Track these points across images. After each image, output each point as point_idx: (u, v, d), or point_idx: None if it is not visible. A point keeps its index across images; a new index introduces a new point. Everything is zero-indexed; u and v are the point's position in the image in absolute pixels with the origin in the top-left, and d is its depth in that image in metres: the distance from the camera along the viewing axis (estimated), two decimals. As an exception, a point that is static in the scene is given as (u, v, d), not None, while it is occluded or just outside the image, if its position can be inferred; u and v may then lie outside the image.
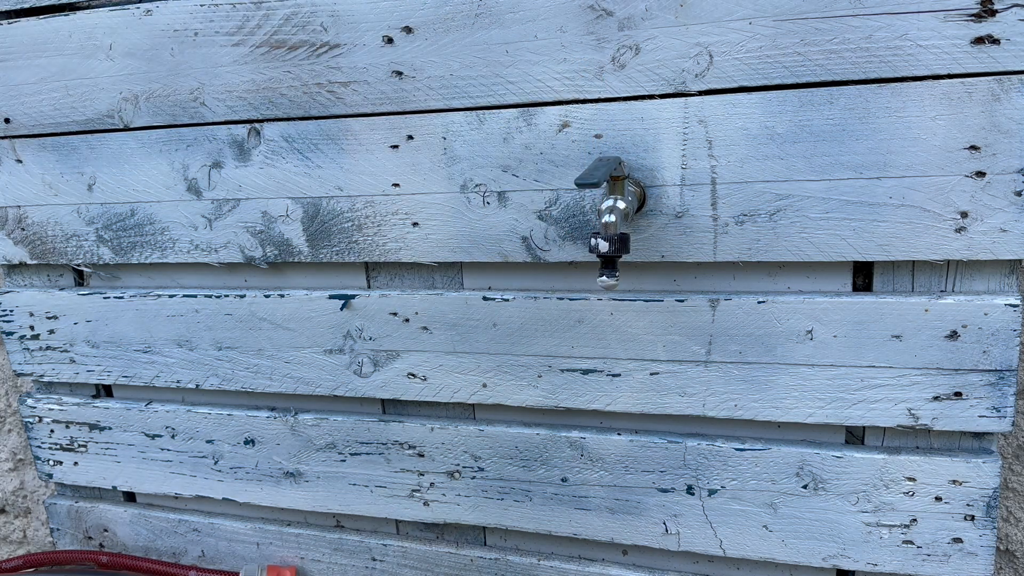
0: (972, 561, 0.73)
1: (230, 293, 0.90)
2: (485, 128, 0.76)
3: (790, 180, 0.69)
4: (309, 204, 0.84)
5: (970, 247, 0.66)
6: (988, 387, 0.69)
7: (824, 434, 0.77)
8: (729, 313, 0.74)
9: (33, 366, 1.01)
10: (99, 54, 0.86)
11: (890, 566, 0.75)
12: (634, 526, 0.82)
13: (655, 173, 0.72)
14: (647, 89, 0.71)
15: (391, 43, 0.76)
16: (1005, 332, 0.68)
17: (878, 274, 0.72)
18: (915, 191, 0.66)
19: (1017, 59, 0.62)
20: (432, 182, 0.79)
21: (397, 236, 0.82)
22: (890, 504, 0.74)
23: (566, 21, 0.71)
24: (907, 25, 0.63)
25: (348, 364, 0.88)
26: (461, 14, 0.73)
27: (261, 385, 0.92)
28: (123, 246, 0.92)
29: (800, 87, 0.67)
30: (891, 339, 0.70)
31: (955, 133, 0.64)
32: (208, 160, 0.86)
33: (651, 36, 0.69)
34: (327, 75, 0.79)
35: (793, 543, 0.78)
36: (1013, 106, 0.63)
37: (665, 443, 0.79)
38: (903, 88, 0.64)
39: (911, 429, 0.73)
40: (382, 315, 0.85)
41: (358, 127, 0.80)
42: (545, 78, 0.73)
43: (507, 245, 0.78)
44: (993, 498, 0.71)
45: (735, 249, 0.72)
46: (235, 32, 0.80)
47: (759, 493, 0.78)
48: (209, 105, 0.84)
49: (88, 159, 0.90)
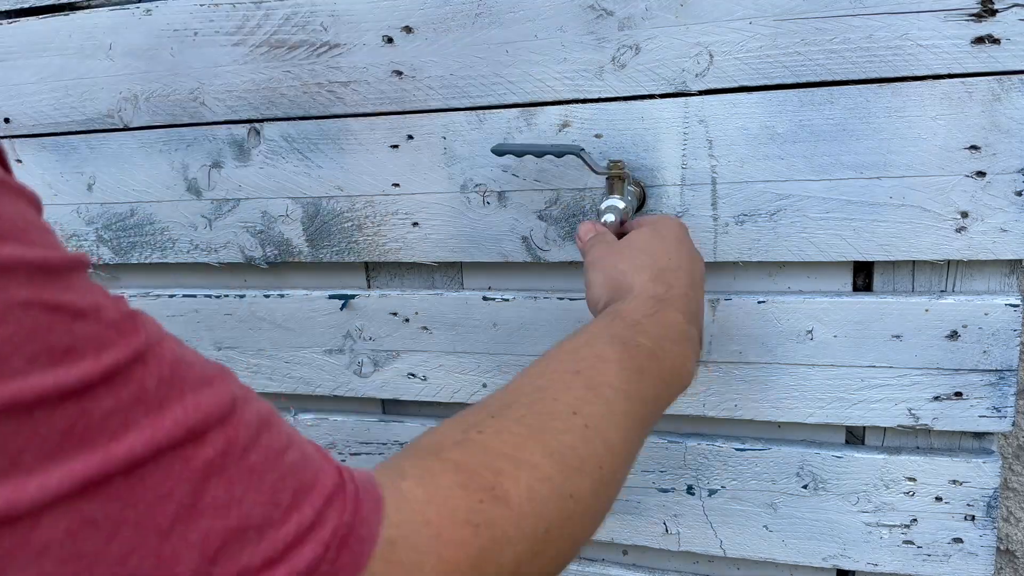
0: (972, 561, 0.73)
1: (230, 293, 0.90)
2: (485, 128, 0.76)
3: (790, 180, 0.69)
4: (309, 204, 0.84)
5: (970, 247, 0.66)
6: (988, 387, 0.69)
7: (824, 434, 0.77)
8: (729, 313, 0.74)
9: (33, 366, 1.01)
10: (99, 54, 0.86)
11: (890, 566, 0.75)
12: (634, 526, 0.82)
13: (655, 173, 0.72)
14: (647, 89, 0.71)
15: (391, 43, 0.76)
16: (1005, 332, 0.68)
17: (878, 274, 0.72)
18: (915, 191, 0.66)
19: (1017, 59, 0.62)
20: (432, 182, 0.79)
21: (397, 236, 0.81)
22: (890, 504, 0.74)
23: (566, 21, 0.71)
24: (907, 25, 0.63)
25: (348, 364, 0.88)
26: (461, 14, 0.73)
27: (261, 385, 0.92)
28: (123, 246, 0.92)
29: (800, 87, 0.67)
30: (891, 339, 0.70)
31: (955, 133, 0.64)
32: (208, 160, 0.86)
33: (651, 36, 0.69)
34: (327, 75, 0.79)
35: (793, 543, 0.78)
36: (1013, 106, 0.63)
37: (665, 443, 0.79)
38: (903, 88, 0.64)
39: (911, 429, 0.73)
40: (382, 315, 0.85)
41: (358, 127, 0.80)
42: (545, 78, 0.73)
43: (507, 245, 0.78)
44: (993, 498, 0.71)
45: (735, 249, 0.72)
46: (235, 32, 0.80)
47: (759, 493, 0.78)
48: (209, 105, 0.84)
49: (88, 159, 0.90)
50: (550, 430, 0.43)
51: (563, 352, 0.50)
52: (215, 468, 0.29)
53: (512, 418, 0.43)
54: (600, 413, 0.45)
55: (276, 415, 0.34)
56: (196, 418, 0.29)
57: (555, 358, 0.50)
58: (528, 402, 0.45)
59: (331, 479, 0.34)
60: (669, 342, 0.53)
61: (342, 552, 0.32)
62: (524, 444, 0.41)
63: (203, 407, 0.30)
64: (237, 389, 0.32)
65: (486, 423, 0.43)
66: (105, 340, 0.28)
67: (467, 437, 0.41)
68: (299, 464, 0.33)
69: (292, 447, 0.33)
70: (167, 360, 0.30)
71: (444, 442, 0.41)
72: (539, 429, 0.43)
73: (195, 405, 0.29)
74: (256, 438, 0.31)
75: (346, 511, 0.33)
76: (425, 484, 0.37)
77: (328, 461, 0.35)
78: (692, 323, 0.56)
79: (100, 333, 0.28)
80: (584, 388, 0.46)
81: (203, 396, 0.30)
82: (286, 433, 0.34)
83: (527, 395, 0.46)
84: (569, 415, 0.44)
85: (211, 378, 0.31)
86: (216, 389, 0.31)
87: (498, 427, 0.42)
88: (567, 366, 0.48)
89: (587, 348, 0.50)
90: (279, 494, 0.31)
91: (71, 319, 0.27)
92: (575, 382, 0.47)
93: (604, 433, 0.45)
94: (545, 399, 0.45)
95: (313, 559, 0.31)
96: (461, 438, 0.41)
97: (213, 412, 0.30)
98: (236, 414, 0.31)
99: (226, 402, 0.31)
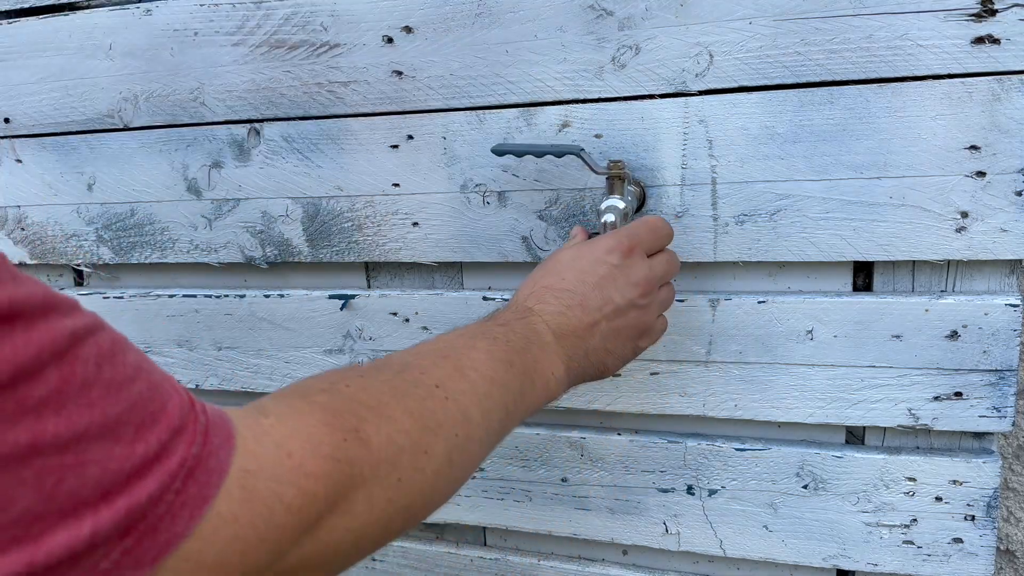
0: (972, 561, 0.73)
1: (230, 293, 0.90)
2: (485, 128, 0.76)
3: (790, 180, 0.69)
4: (309, 204, 0.84)
5: (970, 247, 0.66)
6: (988, 387, 0.69)
7: (824, 434, 0.77)
8: (729, 313, 0.74)
9: (33, 366, 1.01)
10: (99, 54, 0.86)
11: (890, 566, 0.75)
12: (634, 526, 0.82)
13: (655, 173, 0.72)
14: (647, 89, 0.71)
15: (391, 43, 0.76)
16: (1005, 332, 0.68)
17: (878, 274, 0.72)
18: (915, 191, 0.66)
19: (1017, 59, 0.62)
20: (432, 182, 0.79)
21: (397, 236, 0.81)
22: (890, 504, 0.74)
23: (566, 21, 0.71)
24: (907, 25, 0.63)
25: (348, 364, 0.88)
26: (461, 14, 0.73)
27: (261, 385, 0.92)
28: (123, 246, 0.92)
29: (800, 87, 0.67)
30: (891, 339, 0.70)
31: (955, 133, 0.64)
32: (208, 160, 0.86)
33: (651, 36, 0.69)
34: (327, 75, 0.79)
35: (793, 543, 0.78)
36: (1013, 106, 0.63)
37: (665, 443, 0.79)
38: (903, 88, 0.64)
39: (911, 429, 0.73)
40: (382, 315, 0.85)
41: (358, 127, 0.80)
42: (545, 78, 0.73)
43: (507, 245, 0.78)
44: (993, 498, 0.71)
45: (735, 249, 0.72)
46: (235, 32, 0.80)
47: (759, 493, 0.78)
48: (209, 105, 0.84)
49: (88, 159, 0.90)
50: (413, 396, 0.46)
51: (439, 340, 0.54)
52: (51, 405, 0.29)
53: (379, 380, 0.46)
54: (462, 390, 0.49)
55: (125, 343, 0.34)
56: (28, 354, 0.28)
57: (430, 344, 0.53)
58: (396, 371, 0.48)
59: (179, 410, 0.34)
60: (536, 347, 0.56)
61: (188, 482, 0.32)
62: (387, 402, 0.44)
63: (34, 343, 0.29)
64: (78, 321, 0.32)
65: (353, 380, 0.45)
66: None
67: (334, 387, 0.44)
68: (145, 395, 0.33)
69: (139, 378, 0.33)
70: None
71: (310, 389, 0.43)
72: (403, 393, 0.46)
73: (25, 341, 0.29)
74: (97, 371, 0.31)
75: (194, 443, 0.33)
76: (289, 420, 0.39)
77: (178, 392, 0.35)
78: (562, 341, 0.58)
79: None
80: (452, 369, 0.50)
81: (34, 332, 0.29)
82: (133, 363, 0.33)
83: (395, 367, 0.49)
84: (432, 387, 0.47)
85: (47, 313, 0.30)
86: (52, 324, 0.30)
87: (364, 384, 0.45)
88: (439, 351, 0.52)
89: (460, 339, 0.53)
90: (121, 427, 0.31)
91: None
92: (444, 364, 0.50)
93: (464, 407, 0.48)
94: (412, 371, 0.48)
95: (157, 489, 0.31)
96: (328, 387, 0.44)
97: (45, 348, 0.29)
98: (72, 350, 0.30)
99: (62, 337, 0.30)
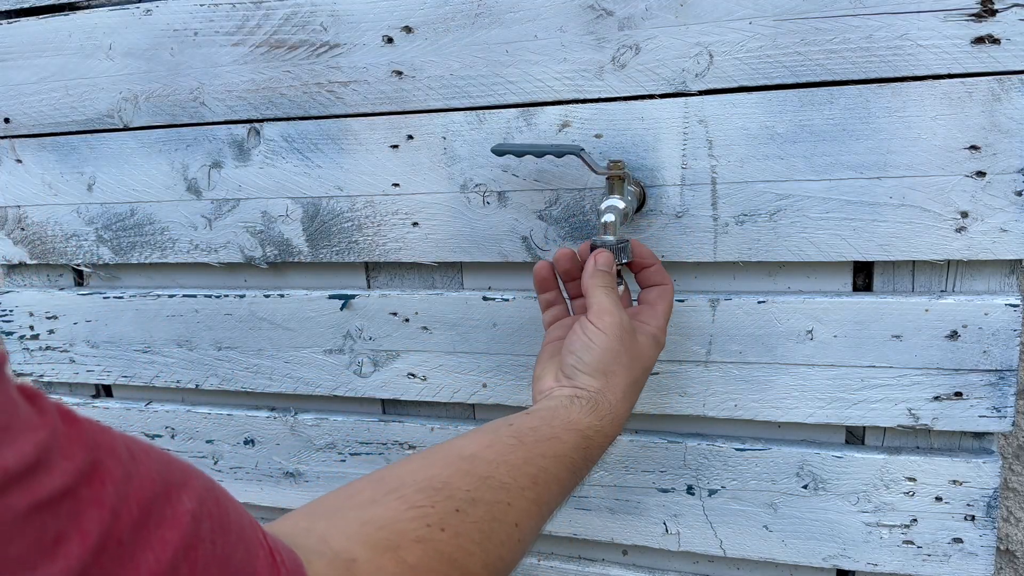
0: (972, 561, 0.73)
1: (230, 293, 0.90)
2: (485, 128, 0.76)
3: (790, 180, 0.69)
4: (309, 204, 0.84)
5: (970, 247, 0.66)
6: (988, 387, 0.69)
7: (824, 434, 0.77)
8: (729, 313, 0.74)
9: (33, 366, 1.01)
10: (99, 54, 0.86)
11: (890, 566, 0.75)
12: (634, 526, 0.82)
13: (655, 173, 0.72)
14: (647, 89, 0.71)
15: (391, 43, 0.76)
16: (1005, 332, 0.68)
17: (878, 274, 0.72)
18: (915, 191, 0.66)
19: (1017, 59, 0.62)
20: (432, 182, 0.79)
21: (397, 236, 0.81)
22: (890, 504, 0.74)
23: (566, 21, 0.71)
24: (907, 25, 0.63)
25: (348, 364, 0.88)
26: (461, 14, 0.73)
27: (261, 385, 0.92)
28: (123, 246, 0.92)
29: (800, 87, 0.67)
30: (891, 339, 0.70)
31: (955, 133, 0.64)
32: (208, 160, 0.86)
33: (651, 36, 0.69)
34: (327, 75, 0.79)
35: (793, 543, 0.78)
36: (1013, 106, 0.63)
37: (665, 443, 0.79)
38: (903, 88, 0.64)
39: (911, 429, 0.73)
40: (382, 315, 0.85)
41: (358, 127, 0.80)
42: (545, 78, 0.73)
43: (507, 245, 0.78)
44: (993, 498, 0.71)
45: (735, 249, 0.72)
46: (235, 32, 0.80)
47: (759, 493, 0.78)
48: (209, 105, 0.84)
49: (88, 159, 0.90)
50: (495, 542, 0.45)
51: (523, 448, 0.52)
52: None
53: (471, 520, 0.45)
54: (535, 528, 0.50)
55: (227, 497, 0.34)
56: (166, 554, 0.29)
57: (514, 451, 0.52)
58: (490, 500, 0.47)
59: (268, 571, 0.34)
60: (582, 463, 0.56)
61: None
62: (473, 554, 0.44)
63: (168, 540, 0.29)
64: (192, 501, 0.32)
65: (449, 520, 0.44)
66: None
67: (430, 535, 0.42)
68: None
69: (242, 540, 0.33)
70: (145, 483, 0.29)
71: (404, 535, 0.42)
72: (488, 539, 0.45)
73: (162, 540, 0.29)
74: (212, 549, 0.31)
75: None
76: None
77: (262, 545, 0.35)
78: (593, 440, 0.59)
79: None
80: (532, 503, 0.49)
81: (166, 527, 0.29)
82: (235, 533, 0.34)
83: (491, 489, 0.48)
84: (512, 527, 0.47)
85: (175, 481, 0.31)
86: (175, 507, 0.30)
87: (458, 530, 0.44)
88: (530, 475, 0.50)
89: (544, 459, 0.52)
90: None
91: None
92: (528, 494, 0.49)
93: (528, 545, 0.49)
94: (501, 504, 0.47)
95: None
96: (424, 534, 0.42)
97: (174, 538, 0.30)
98: (195, 529, 0.31)
99: (184, 521, 0.31)
